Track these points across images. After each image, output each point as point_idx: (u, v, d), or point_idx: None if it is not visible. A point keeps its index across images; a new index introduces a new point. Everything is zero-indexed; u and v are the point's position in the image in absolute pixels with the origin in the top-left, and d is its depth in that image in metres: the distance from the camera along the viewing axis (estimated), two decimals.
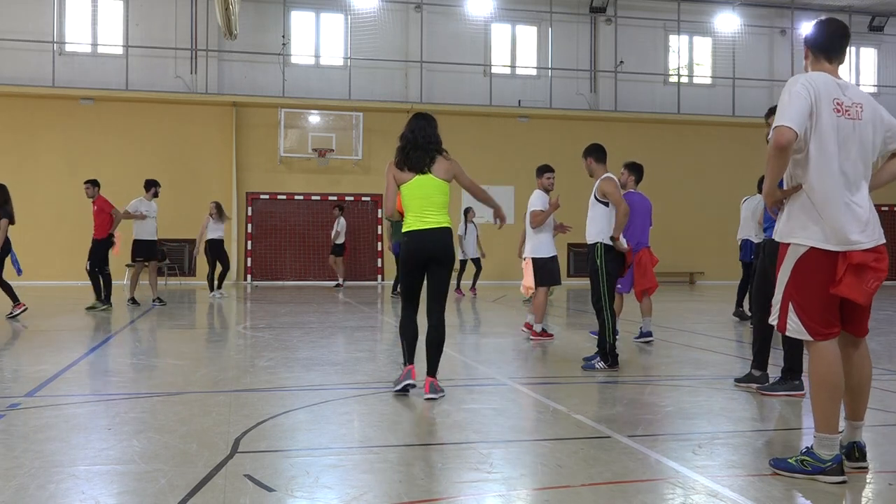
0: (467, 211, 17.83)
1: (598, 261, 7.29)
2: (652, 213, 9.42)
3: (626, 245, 7.37)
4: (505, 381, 6.61)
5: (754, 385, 6.25)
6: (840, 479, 3.76)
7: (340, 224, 20.14)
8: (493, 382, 6.64)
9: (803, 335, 3.88)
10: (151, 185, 14.39)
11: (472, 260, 17.90)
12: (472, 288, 18.01)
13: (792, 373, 6.10)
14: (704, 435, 4.79)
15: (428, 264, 5.98)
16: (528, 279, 9.35)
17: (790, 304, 3.90)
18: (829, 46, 4.02)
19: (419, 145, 5.96)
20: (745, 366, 6.93)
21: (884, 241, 3.91)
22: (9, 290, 11.96)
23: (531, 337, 9.41)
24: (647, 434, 4.77)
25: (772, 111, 5.90)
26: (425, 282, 6.07)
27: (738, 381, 6.45)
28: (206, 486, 3.67)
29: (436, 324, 5.97)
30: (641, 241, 9.20)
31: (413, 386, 5.95)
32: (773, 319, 4.04)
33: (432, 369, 5.94)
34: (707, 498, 3.58)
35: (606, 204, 7.42)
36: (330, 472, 3.97)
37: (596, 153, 7.75)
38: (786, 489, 3.73)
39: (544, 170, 9.51)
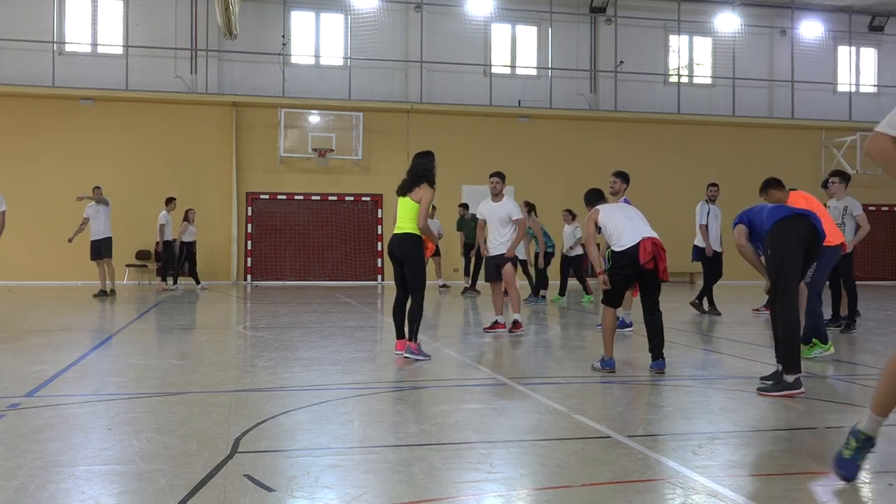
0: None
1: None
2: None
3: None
4: (505, 381, 6.61)
5: (794, 392, 5.82)
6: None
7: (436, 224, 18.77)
8: (493, 382, 6.64)
9: None
10: None
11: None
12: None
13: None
14: (704, 435, 4.79)
15: (399, 261, 7.81)
16: None
17: None
18: None
19: (410, 178, 7.85)
20: (746, 366, 6.93)
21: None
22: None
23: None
24: (647, 434, 4.77)
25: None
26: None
27: (763, 391, 5.98)
28: (206, 486, 3.67)
29: (413, 304, 7.78)
30: None
31: (399, 354, 7.77)
32: None
33: (412, 336, 7.73)
34: (707, 498, 3.58)
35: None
36: (330, 472, 3.97)
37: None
38: (786, 489, 3.73)
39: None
